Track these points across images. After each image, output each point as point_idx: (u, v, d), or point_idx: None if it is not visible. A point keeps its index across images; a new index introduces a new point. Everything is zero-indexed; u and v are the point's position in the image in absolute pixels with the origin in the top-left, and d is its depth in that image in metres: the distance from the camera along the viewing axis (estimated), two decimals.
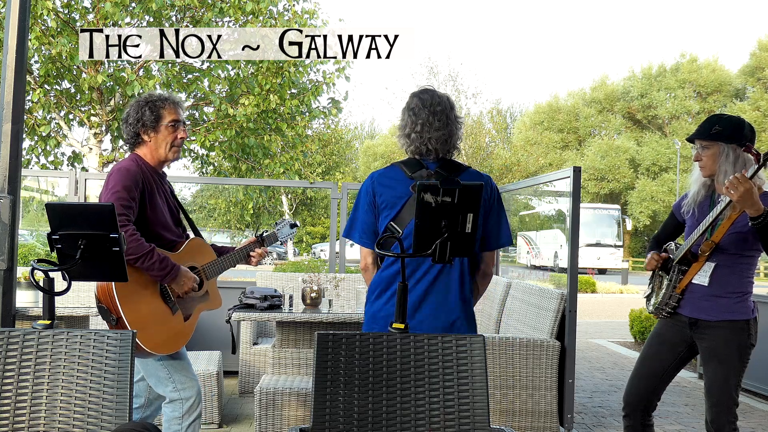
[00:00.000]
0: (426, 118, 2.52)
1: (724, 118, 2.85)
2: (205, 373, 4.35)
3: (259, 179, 10.16)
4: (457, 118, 2.59)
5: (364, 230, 2.57)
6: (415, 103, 2.57)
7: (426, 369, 2.04)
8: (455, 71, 39.88)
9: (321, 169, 25.85)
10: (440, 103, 2.56)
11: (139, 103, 2.83)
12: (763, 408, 5.59)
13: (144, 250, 2.59)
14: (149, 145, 2.83)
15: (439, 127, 2.52)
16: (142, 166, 2.79)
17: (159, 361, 2.77)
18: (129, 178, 2.68)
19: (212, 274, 2.97)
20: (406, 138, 2.57)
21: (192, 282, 2.78)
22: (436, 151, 2.54)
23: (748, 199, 2.52)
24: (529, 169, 29.28)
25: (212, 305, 3.02)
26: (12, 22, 2.71)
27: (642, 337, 8.84)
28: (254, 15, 9.38)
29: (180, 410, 2.78)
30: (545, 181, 5.77)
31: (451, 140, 2.56)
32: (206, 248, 3.01)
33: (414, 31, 54.33)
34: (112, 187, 2.65)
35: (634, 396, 3.02)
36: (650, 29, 79.30)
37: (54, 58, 8.82)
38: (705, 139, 2.83)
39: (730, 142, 2.79)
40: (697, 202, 2.94)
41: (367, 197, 2.57)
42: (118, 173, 2.69)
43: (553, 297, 4.48)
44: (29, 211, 14.10)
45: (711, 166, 2.84)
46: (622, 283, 22.14)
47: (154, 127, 2.80)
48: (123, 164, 2.76)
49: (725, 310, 2.79)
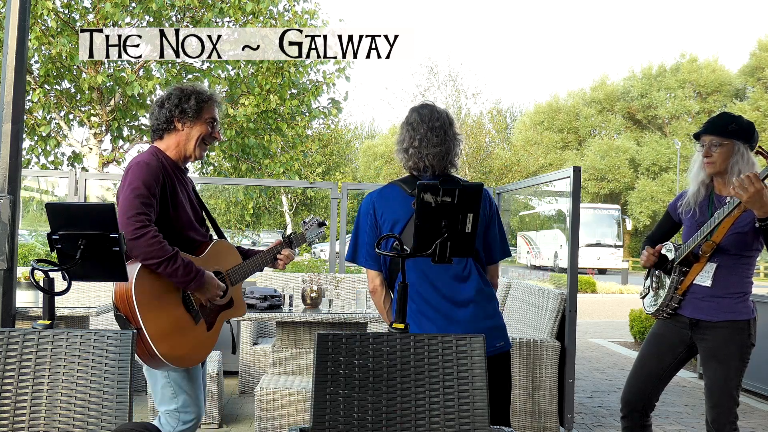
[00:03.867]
0: (424, 133, 2.51)
1: (738, 117, 2.81)
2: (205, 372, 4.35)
3: (259, 179, 10.16)
4: (456, 135, 2.57)
5: (368, 251, 2.55)
6: (414, 118, 2.56)
7: (426, 369, 2.04)
8: (455, 71, 39.96)
9: (321, 169, 25.84)
10: (439, 118, 2.54)
11: (184, 91, 2.63)
12: (763, 408, 5.59)
13: (167, 254, 2.39)
14: (179, 135, 2.62)
15: (437, 143, 2.51)
16: (162, 161, 2.57)
17: (167, 378, 2.56)
18: (149, 173, 2.47)
19: (237, 279, 2.77)
20: (404, 153, 2.56)
21: (217, 289, 2.58)
22: (432, 168, 2.52)
23: (759, 200, 2.48)
24: (529, 169, 29.28)
25: (237, 312, 2.81)
26: (12, 22, 2.71)
27: (642, 337, 8.84)
28: (254, 15, 9.38)
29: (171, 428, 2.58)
30: (545, 181, 5.77)
31: (449, 156, 2.54)
32: (232, 251, 2.80)
33: (414, 31, 54.37)
34: (130, 182, 2.44)
35: (633, 396, 3.01)
36: (650, 29, 79.31)
37: (54, 58, 8.82)
38: (721, 135, 2.77)
39: (746, 142, 2.78)
40: (698, 202, 2.92)
41: (368, 218, 2.56)
42: (137, 167, 2.48)
43: (553, 297, 4.48)
44: (29, 211, 14.10)
45: (721, 164, 2.79)
46: (622, 283, 22.14)
47: (194, 118, 2.61)
48: (142, 158, 2.53)
49: (726, 311, 2.79)
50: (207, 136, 2.66)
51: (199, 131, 2.63)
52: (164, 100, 2.63)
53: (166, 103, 2.61)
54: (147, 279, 2.40)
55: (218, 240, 2.75)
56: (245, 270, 2.81)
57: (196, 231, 2.65)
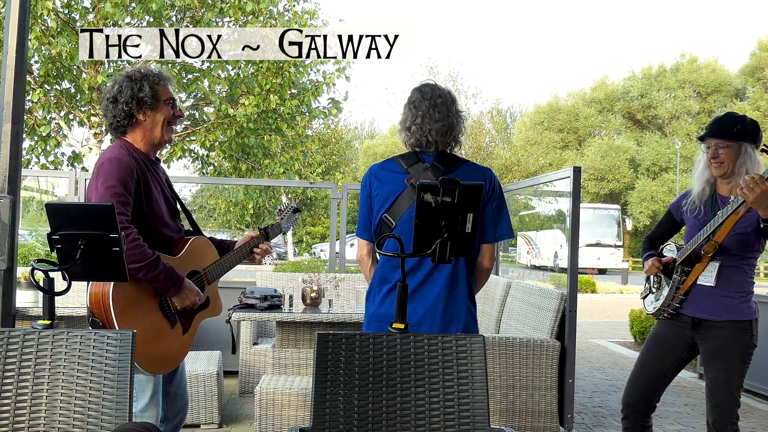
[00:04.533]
0: (426, 110, 2.52)
1: (743, 118, 2.81)
2: (205, 373, 4.35)
3: (259, 179, 10.16)
4: (459, 112, 2.58)
5: (363, 222, 2.62)
6: (416, 96, 2.57)
7: (426, 369, 2.04)
8: (455, 71, 39.86)
9: (321, 169, 25.85)
10: (441, 95, 2.56)
11: (133, 78, 2.51)
12: (763, 408, 5.59)
13: (148, 258, 2.32)
14: (144, 126, 2.53)
15: (439, 118, 2.52)
16: (133, 154, 2.48)
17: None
18: (123, 169, 2.39)
19: (215, 277, 2.71)
20: (406, 131, 2.57)
21: (195, 296, 2.53)
22: (436, 144, 2.53)
23: (764, 200, 2.48)
24: (529, 169, 29.27)
25: (213, 312, 2.76)
26: (12, 22, 2.71)
27: (642, 337, 8.83)
28: (254, 15, 9.38)
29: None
30: (545, 181, 5.77)
31: (452, 132, 2.55)
32: (209, 248, 2.75)
33: (414, 31, 54.28)
34: (104, 180, 2.36)
35: (634, 397, 3.00)
36: (650, 29, 79.31)
37: (54, 58, 8.82)
38: (728, 138, 2.77)
39: (753, 142, 2.78)
40: (703, 201, 2.91)
41: (365, 189, 2.61)
42: (109, 164, 2.39)
43: (553, 297, 4.48)
44: (29, 211, 14.09)
45: (728, 166, 2.79)
46: (622, 283, 22.15)
47: (153, 105, 2.52)
48: (113, 153, 2.44)
49: (729, 310, 2.79)
50: (171, 118, 2.60)
51: (162, 115, 2.56)
52: (116, 94, 2.52)
53: (120, 97, 2.51)
54: (124, 284, 2.32)
55: (195, 238, 2.67)
56: (222, 268, 2.75)
57: (169, 227, 2.58)
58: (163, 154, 10.03)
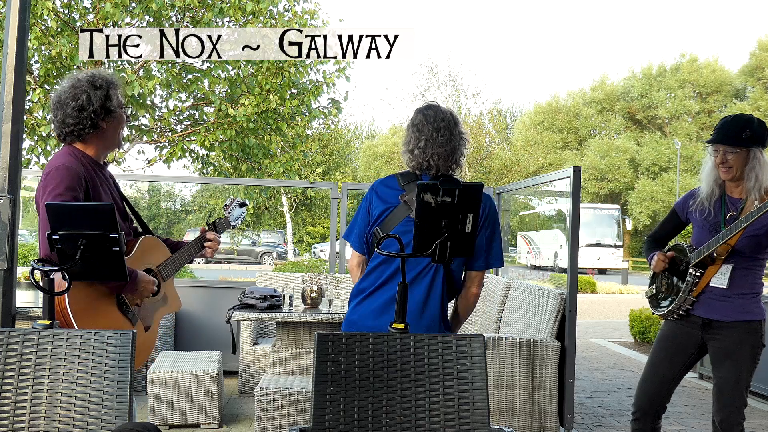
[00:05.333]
0: (429, 134, 2.53)
1: (750, 122, 2.79)
2: (205, 373, 4.35)
3: (259, 179, 10.16)
4: (462, 134, 2.59)
5: (358, 234, 2.66)
6: (419, 120, 2.58)
7: (426, 369, 2.04)
8: (455, 71, 39.94)
9: (321, 169, 25.85)
10: (444, 119, 2.56)
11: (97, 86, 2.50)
12: (763, 408, 5.59)
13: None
14: (105, 133, 2.55)
15: (442, 143, 2.53)
16: (82, 160, 2.49)
17: None
18: (71, 177, 2.40)
19: (169, 273, 2.73)
20: (409, 154, 2.58)
21: (151, 285, 2.53)
22: (437, 167, 2.54)
23: None
24: (529, 169, 29.28)
25: (171, 308, 2.80)
26: (12, 22, 2.71)
27: (642, 337, 8.83)
28: (254, 15, 9.37)
29: None
30: (545, 181, 5.77)
31: (454, 156, 2.56)
32: (160, 246, 2.76)
33: (414, 31, 54.30)
34: (53, 189, 2.36)
35: (646, 401, 3.00)
36: (650, 29, 79.31)
37: (54, 58, 8.81)
38: (737, 145, 2.75)
39: (762, 146, 2.77)
40: (712, 203, 2.90)
41: (365, 203, 2.65)
42: (57, 173, 2.40)
43: (553, 297, 4.48)
44: (29, 211, 14.10)
45: (738, 171, 2.79)
46: (622, 283, 22.14)
47: (113, 112, 2.52)
48: (60, 161, 2.45)
49: (741, 311, 2.79)
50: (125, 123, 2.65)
51: (120, 122, 2.61)
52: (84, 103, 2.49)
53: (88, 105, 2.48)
54: (80, 286, 2.32)
55: (144, 237, 2.68)
56: (175, 263, 2.77)
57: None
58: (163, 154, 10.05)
